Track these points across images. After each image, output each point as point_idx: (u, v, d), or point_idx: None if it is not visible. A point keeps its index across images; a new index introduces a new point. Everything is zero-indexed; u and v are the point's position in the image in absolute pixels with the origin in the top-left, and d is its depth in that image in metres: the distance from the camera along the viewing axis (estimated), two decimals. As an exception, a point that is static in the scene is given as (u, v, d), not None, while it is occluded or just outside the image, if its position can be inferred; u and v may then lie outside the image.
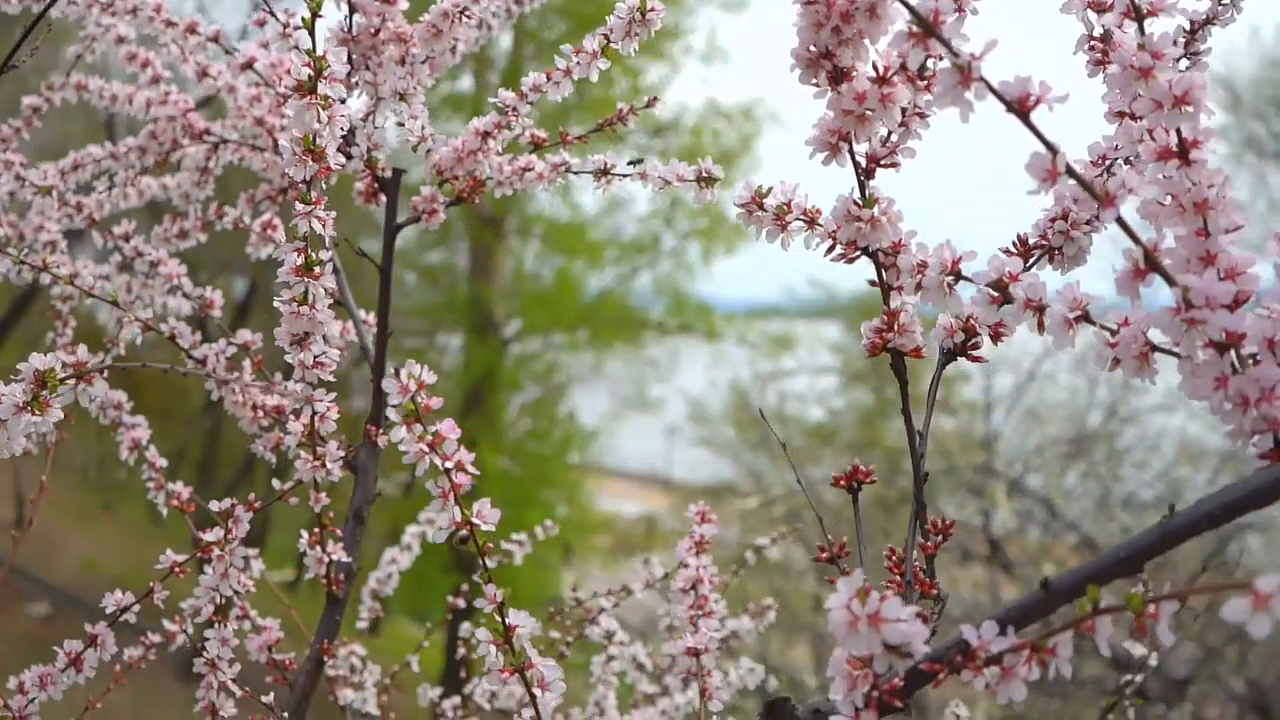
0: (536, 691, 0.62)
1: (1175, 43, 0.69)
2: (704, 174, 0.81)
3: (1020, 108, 0.49)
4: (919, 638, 0.49)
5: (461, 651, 1.45)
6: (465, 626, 1.21)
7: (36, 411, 0.65)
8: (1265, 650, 6.04)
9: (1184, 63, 0.70)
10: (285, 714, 0.91)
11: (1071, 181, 0.52)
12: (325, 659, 0.96)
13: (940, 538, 0.62)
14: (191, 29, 1.06)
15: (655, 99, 0.97)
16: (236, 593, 0.94)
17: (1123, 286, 0.51)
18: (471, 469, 0.61)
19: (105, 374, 0.74)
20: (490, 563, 0.63)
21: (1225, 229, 0.52)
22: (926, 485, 0.63)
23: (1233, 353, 0.51)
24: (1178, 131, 0.52)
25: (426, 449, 0.60)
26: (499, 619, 0.63)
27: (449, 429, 0.61)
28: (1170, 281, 0.50)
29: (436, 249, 11.56)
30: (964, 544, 6.20)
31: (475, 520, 0.61)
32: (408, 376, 0.59)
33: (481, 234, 10.91)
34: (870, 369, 9.67)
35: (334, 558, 0.94)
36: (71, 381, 0.65)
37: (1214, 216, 0.52)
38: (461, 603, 1.41)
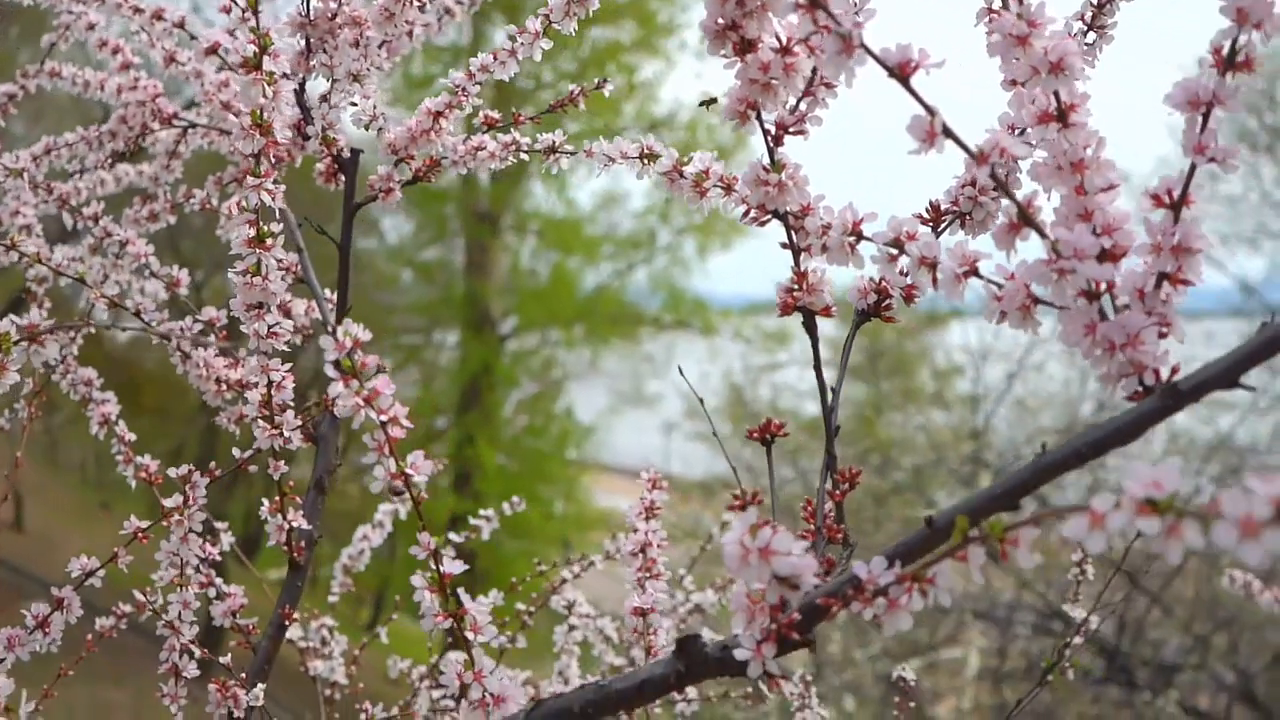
0: (469, 635, 0.65)
1: (1082, 17, 0.73)
2: (646, 151, 0.84)
3: (901, 73, 0.52)
4: (808, 570, 0.53)
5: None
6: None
7: (-5, 373, 0.68)
8: (1254, 640, 6.08)
9: (1091, 35, 0.73)
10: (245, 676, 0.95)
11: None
12: (286, 623, 0.99)
13: (848, 485, 0.66)
14: (158, 15, 1.09)
15: (604, 80, 1.01)
16: (201, 560, 0.97)
17: (1000, 240, 0.54)
18: (406, 423, 0.64)
19: (75, 343, 0.78)
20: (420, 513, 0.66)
21: (1101, 187, 0.55)
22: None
23: (1107, 302, 0.54)
24: (1055, 95, 0.55)
25: (363, 403, 0.63)
26: (434, 567, 0.66)
27: (384, 385, 0.64)
28: (1042, 235, 0.53)
29: (433, 246, 11.60)
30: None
31: (409, 472, 0.65)
32: (344, 334, 0.62)
33: (477, 231, 10.94)
34: (865, 364, 9.71)
35: (294, 525, 0.97)
36: (25, 343, 0.68)
37: (1090, 175, 0.55)
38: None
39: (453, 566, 0.66)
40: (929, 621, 6.24)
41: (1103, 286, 0.53)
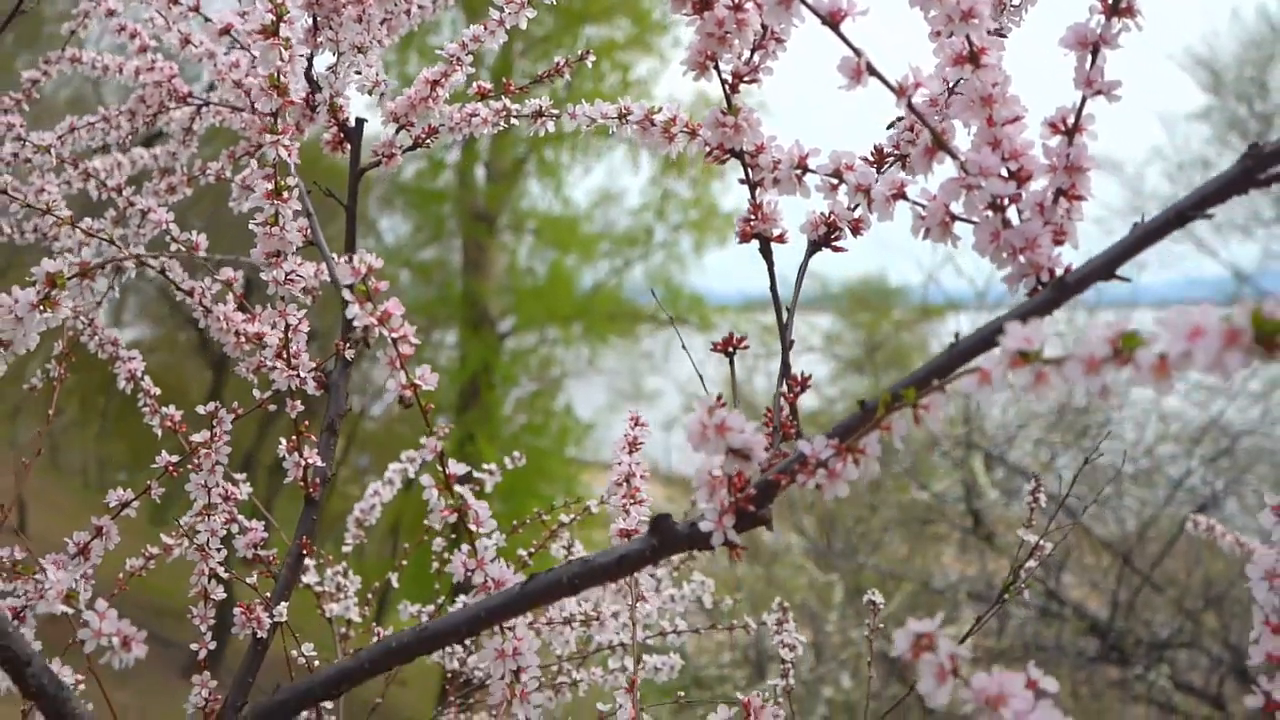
0: (474, 525, 0.75)
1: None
2: (623, 111, 0.93)
3: (832, 20, 0.62)
4: (758, 445, 0.62)
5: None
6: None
7: (47, 308, 0.77)
8: (1244, 616, 6.18)
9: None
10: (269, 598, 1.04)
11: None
12: (305, 553, 1.08)
13: (800, 388, 0.75)
14: (174, 0, 1.18)
15: (588, 53, 1.10)
16: (224, 496, 1.06)
17: (918, 164, 0.63)
18: (414, 340, 0.73)
19: (120, 283, 0.87)
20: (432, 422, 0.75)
21: (1008, 119, 0.64)
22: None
23: (1014, 215, 0.64)
24: (968, 40, 0.64)
25: (376, 322, 0.72)
26: (440, 468, 0.75)
27: (395, 306, 0.73)
28: (954, 156, 0.62)
29: (430, 246, 11.68)
30: (949, 518, 6.34)
31: (418, 381, 0.74)
32: (359, 260, 0.71)
33: (474, 231, 11.03)
34: (864, 356, 9.80)
35: (310, 463, 1.06)
36: (78, 279, 0.77)
37: (998, 109, 0.64)
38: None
39: (457, 468, 0.75)
40: (925, 604, 6.34)
41: (1006, 201, 0.62)
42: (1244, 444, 7.34)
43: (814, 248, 0.78)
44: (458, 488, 0.75)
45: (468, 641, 1.73)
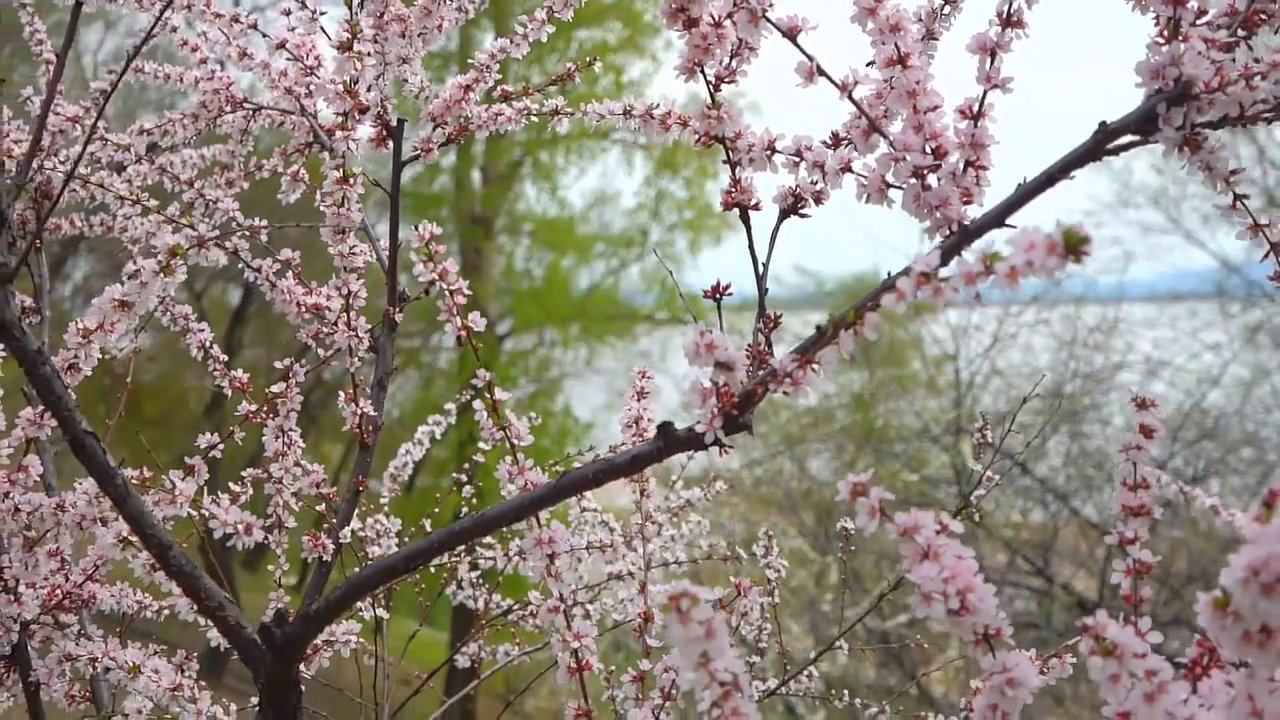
0: (515, 439, 0.93)
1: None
2: (627, 108, 1.12)
3: (791, 34, 0.81)
4: (739, 359, 0.80)
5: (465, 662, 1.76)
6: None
7: (168, 274, 0.96)
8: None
9: (948, 8, 1.01)
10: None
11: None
12: (360, 489, 1.27)
13: (773, 325, 0.94)
14: (235, 19, 1.37)
15: (594, 59, 1.29)
16: (290, 442, 1.25)
17: (858, 143, 0.82)
18: (467, 291, 0.92)
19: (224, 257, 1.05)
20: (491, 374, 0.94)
21: (929, 108, 0.83)
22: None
23: (933, 180, 0.83)
24: (896, 47, 0.83)
25: (437, 277, 0.91)
26: (489, 396, 0.94)
27: (452, 265, 0.92)
28: (884, 136, 0.81)
29: (413, 251, 11.83)
30: (940, 503, 6.54)
31: (471, 324, 0.93)
32: (425, 229, 0.90)
33: (471, 233, 11.22)
34: (861, 355, 9.98)
35: (364, 412, 1.25)
36: (196, 249, 0.96)
37: (920, 100, 0.83)
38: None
39: (501, 394, 0.94)
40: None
41: (926, 171, 0.81)
42: (1232, 430, 7.54)
43: (784, 215, 0.97)
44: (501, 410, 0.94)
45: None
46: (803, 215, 0.97)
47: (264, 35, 1.39)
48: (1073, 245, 0.58)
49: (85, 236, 1.66)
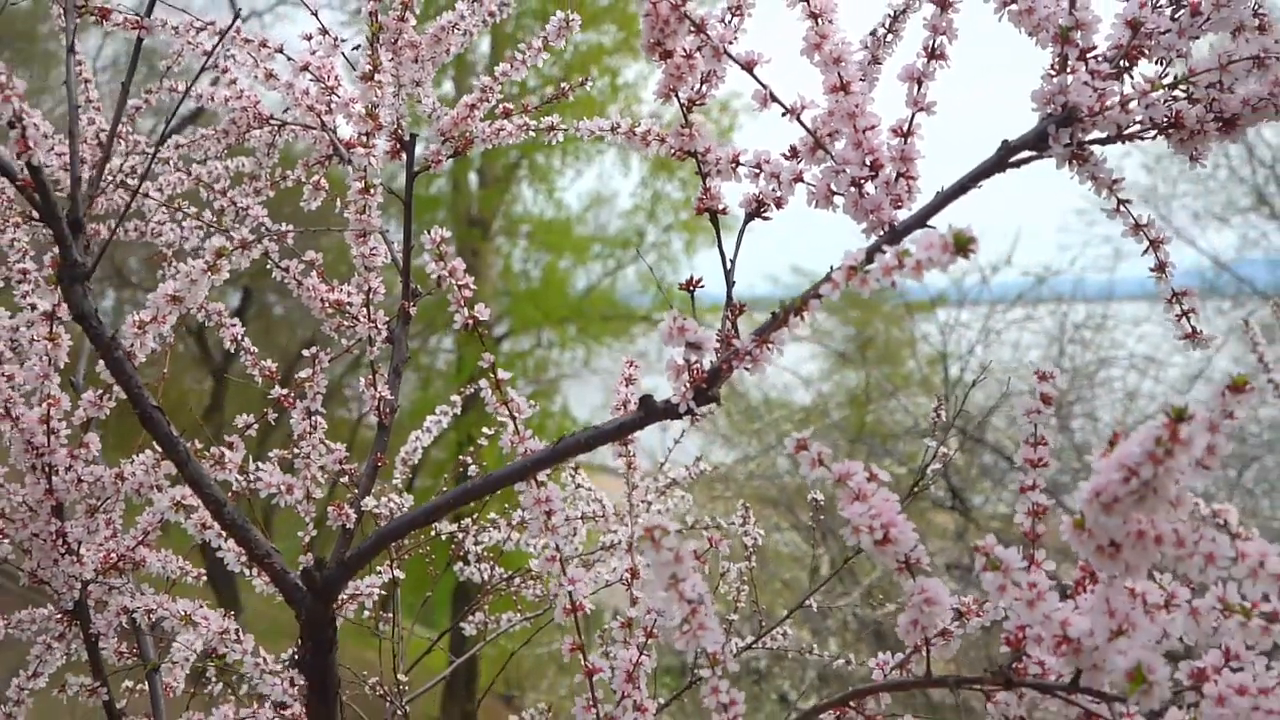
0: (516, 413, 1.09)
1: (884, 24, 1.16)
2: (614, 125, 1.27)
3: (748, 66, 0.96)
4: (708, 339, 0.96)
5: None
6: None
7: (214, 272, 1.11)
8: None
9: (890, 36, 1.16)
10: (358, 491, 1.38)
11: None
12: (379, 464, 1.42)
13: (739, 311, 1.09)
14: (263, 43, 1.52)
15: (586, 79, 1.44)
16: (313, 426, 1.40)
17: (806, 157, 0.97)
18: (472, 286, 1.07)
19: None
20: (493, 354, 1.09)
21: (866, 127, 0.98)
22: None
23: (870, 188, 0.98)
24: (838, 74, 0.99)
25: (447, 275, 1.06)
26: (493, 375, 1.09)
27: (459, 264, 1.07)
28: (827, 151, 0.96)
29: (425, 252, 11.98)
30: (930, 495, 6.69)
31: (476, 314, 1.08)
32: (437, 234, 1.05)
33: (469, 235, 11.37)
34: (857, 354, 10.14)
35: (383, 395, 1.40)
36: (239, 250, 1.11)
37: (859, 120, 0.98)
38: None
39: (504, 374, 1.09)
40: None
41: (864, 180, 0.96)
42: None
43: (749, 218, 1.12)
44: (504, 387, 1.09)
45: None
46: (765, 218, 1.13)
47: (289, 59, 1.54)
48: (961, 245, 0.73)
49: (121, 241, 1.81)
